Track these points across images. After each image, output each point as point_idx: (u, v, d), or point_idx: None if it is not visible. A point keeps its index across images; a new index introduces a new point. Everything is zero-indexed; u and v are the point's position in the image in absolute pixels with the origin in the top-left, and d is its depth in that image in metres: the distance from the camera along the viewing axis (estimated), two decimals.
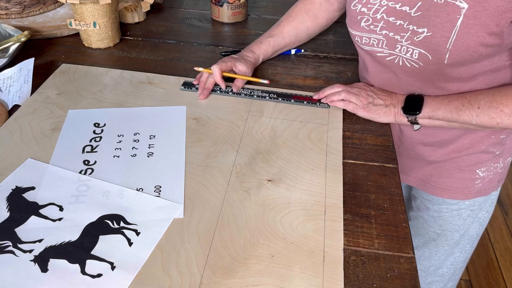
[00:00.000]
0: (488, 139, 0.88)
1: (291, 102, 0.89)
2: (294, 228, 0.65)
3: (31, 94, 0.90)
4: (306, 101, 0.89)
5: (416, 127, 0.86)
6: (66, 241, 0.62)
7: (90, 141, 0.79)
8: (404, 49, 0.78)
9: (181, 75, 0.97)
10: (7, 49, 1.00)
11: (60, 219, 0.65)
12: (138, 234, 0.63)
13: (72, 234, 0.63)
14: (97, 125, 0.83)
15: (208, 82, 0.91)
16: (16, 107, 0.87)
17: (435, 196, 0.99)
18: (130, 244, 0.62)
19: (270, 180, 0.73)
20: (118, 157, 0.76)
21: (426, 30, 0.73)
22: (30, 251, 0.61)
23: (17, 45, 0.99)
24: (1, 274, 0.58)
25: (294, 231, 0.65)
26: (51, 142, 0.78)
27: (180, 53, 1.07)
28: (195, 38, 1.14)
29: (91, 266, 0.59)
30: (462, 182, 0.94)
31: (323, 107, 0.88)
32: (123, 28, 1.16)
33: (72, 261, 0.60)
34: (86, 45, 1.08)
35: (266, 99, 0.90)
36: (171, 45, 1.10)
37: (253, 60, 0.95)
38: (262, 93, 0.91)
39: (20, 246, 0.61)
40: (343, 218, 0.67)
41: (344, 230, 0.66)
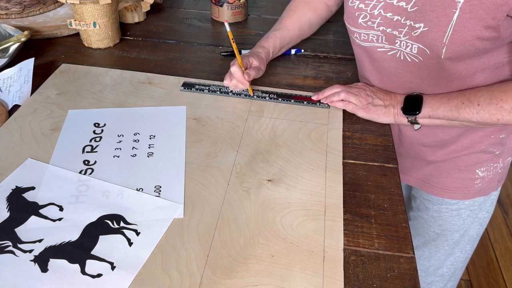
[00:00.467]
0: (488, 139, 0.88)
1: (291, 102, 0.89)
2: (294, 228, 0.65)
3: (31, 94, 0.90)
4: (306, 101, 0.89)
5: (416, 127, 0.86)
6: (66, 241, 0.62)
7: (90, 141, 0.79)
8: (403, 44, 0.78)
9: (181, 75, 0.97)
10: (7, 49, 1.00)
11: (60, 219, 0.65)
12: (138, 234, 0.63)
13: (72, 234, 0.63)
14: (97, 125, 0.83)
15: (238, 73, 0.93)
16: (16, 107, 0.87)
17: (435, 196, 0.99)
18: (130, 244, 0.62)
19: (270, 180, 0.73)
20: (118, 157, 0.76)
21: (422, 25, 0.73)
22: (30, 251, 0.61)
23: (17, 45, 1.00)
24: (1, 274, 0.58)
25: (294, 231, 0.65)
26: (51, 142, 0.78)
27: (180, 53, 1.07)
28: (195, 38, 1.14)
29: (91, 266, 0.59)
30: (461, 182, 0.94)
31: (323, 107, 0.88)
32: (123, 28, 1.16)
33: (72, 261, 0.60)
34: (86, 45, 1.08)
35: (266, 100, 0.90)
36: (171, 45, 1.10)
37: (264, 55, 0.95)
38: (262, 93, 0.91)
39: (20, 246, 0.61)
40: (343, 218, 0.67)
41: (344, 230, 0.66)
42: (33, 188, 0.70)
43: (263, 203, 0.69)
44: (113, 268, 0.59)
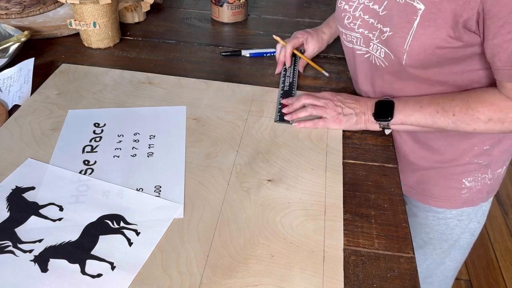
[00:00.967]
0: (471, 151, 0.86)
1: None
2: (294, 228, 0.65)
3: (31, 94, 0.90)
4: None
5: (387, 132, 0.83)
6: (66, 241, 0.62)
7: (90, 141, 0.79)
8: (375, 47, 0.78)
9: (181, 75, 0.97)
10: (7, 49, 1.00)
11: (60, 219, 0.65)
12: (138, 234, 0.63)
13: (72, 234, 0.63)
14: (97, 125, 0.83)
15: (281, 55, 0.99)
16: (16, 107, 0.87)
17: (422, 203, 0.97)
18: (130, 244, 0.62)
19: (270, 180, 0.73)
20: (118, 157, 0.76)
21: (389, 29, 0.74)
22: (30, 251, 0.61)
23: (17, 45, 1.00)
24: (1, 274, 0.58)
25: (294, 231, 0.65)
26: (51, 142, 0.78)
27: (180, 53, 1.07)
28: (195, 38, 1.14)
29: (91, 266, 0.59)
30: (448, 191, 0.92)
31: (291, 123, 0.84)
32: (123, 28, 1.16)
33: (72, 261, 0.60)
34: (86, 45, 1.08)
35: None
36: (171, 45, 1.10)
37: (327, 36, 0.98)
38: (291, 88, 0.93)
39: (20, 246, 0.61)
40: (343, 218, 0.67)
41: (344, 230, 0.66)
42: (33, 188, 0.70)
43: (263, 203, 0.69)
44: (113, 268, 0.59)
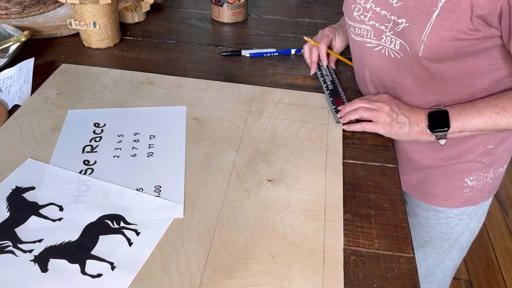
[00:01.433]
0: (476, 150, 0.86)
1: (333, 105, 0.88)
2: (294, 228, 0.65)
3: (31, 94, 0.90)
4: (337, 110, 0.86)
5: (442, 142, 0.79)
6: (66, 241, 0.62)
7: (90, 141, 0.79)
8: (388, 39, 0.78)
9: (181, 75, 0.97)
10: (7, 49, 1.00)
11: (60, 219, 0.65)
12: (138, 234, 0.63)
13: (72, 234, 0.63)
14: (97, 125, 0.83)
15: (313, 56, 0.98)
16: (16, 107, 0.87)
17: (423, 202, 0.98)
18: (130, 244, 0.62)
19: (270, 180, 0.73)
20: (118, 157, 0.76)
21: (404, 20, 0.73)
22: (30, 251, 0.61)
23: (17, 45, 0.99)
24: (1, 274, 0.58)
25: (294, 231, 0.65)
26: (51, 142, 0.78)
27: (180, 53, 1.07)
28: (195, 38, 1.14)
29: (91, 266, 0.59)
30: (450, 190, 0.93)
31: (337, 123, 0.85)
32: (123, 28, 1.16)
33: (72, 261, 0.60)
34: (86, 45, 1.08)
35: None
36: (171, 45, 1.10)
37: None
38: (332, 83, 0.94)
39: (20, 246, 0.61)
40: (343, 218, 0.67)
41: (344, 230, 0.66)
42: (33, 188, 0.70)
43: (263, 203, 0.69)
44: (113, 268, 0.59)
